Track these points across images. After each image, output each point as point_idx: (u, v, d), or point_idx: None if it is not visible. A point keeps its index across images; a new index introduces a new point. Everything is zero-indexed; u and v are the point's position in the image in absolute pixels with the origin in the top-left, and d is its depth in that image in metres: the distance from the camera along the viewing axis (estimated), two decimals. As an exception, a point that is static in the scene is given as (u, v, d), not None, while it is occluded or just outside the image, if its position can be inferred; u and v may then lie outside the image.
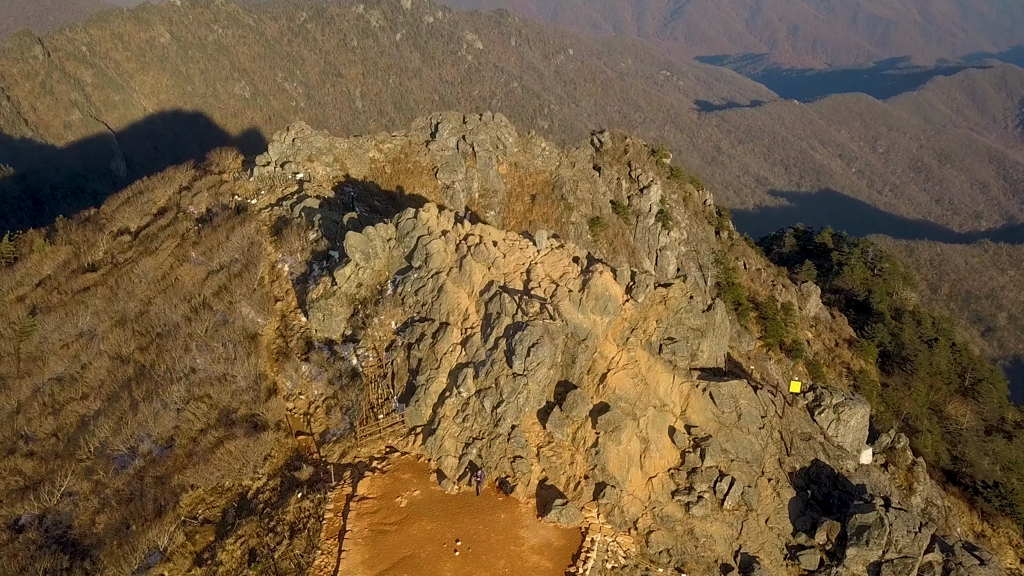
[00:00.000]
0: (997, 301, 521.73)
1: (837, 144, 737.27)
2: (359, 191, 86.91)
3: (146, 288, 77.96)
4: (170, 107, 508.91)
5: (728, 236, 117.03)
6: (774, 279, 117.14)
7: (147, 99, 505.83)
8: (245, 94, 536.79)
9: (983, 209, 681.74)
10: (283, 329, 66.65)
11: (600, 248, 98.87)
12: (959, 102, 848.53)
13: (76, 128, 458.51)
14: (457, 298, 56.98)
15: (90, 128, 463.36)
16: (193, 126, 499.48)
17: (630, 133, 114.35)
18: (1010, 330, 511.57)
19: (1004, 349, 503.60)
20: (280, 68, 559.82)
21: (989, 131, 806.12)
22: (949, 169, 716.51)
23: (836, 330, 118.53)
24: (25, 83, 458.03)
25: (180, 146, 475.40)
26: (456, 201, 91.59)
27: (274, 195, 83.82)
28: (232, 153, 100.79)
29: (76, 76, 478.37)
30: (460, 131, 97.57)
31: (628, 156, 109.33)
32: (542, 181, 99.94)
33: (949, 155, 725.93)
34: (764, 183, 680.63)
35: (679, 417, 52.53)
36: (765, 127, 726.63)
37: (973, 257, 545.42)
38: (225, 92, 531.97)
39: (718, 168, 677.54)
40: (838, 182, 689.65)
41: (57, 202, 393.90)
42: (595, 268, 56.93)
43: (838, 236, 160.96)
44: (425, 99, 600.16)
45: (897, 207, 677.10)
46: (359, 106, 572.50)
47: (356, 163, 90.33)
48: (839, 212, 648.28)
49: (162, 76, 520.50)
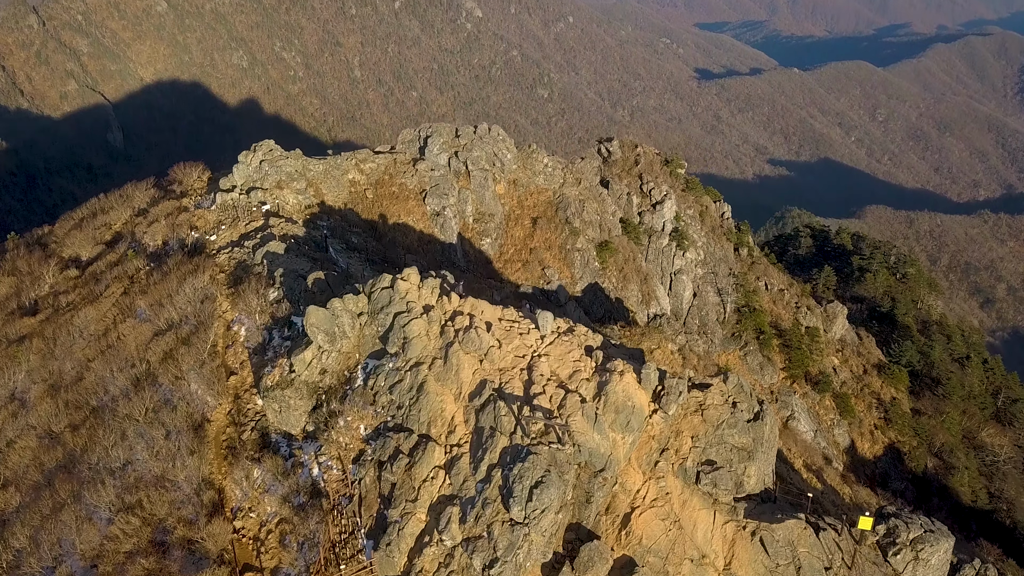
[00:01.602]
0: (996, 272, 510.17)
1: (836, 112, 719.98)
2: (335, 223, 74.03)
3: (85, 346, 65.38)
4: (167, 77, 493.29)
5: (748, 253, 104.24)
6: (798, 300, 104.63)
7: (144, 69, 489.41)
8: (243, 64, 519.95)
9: (982, 178, 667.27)
10: (236, 414, 54.17)
11: (609, 276, 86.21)
12: (959, 70, 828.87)
13: (72, 99, 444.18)
14: (441, 402, 44.49)
15: (86, 99, 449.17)
16: (190, 96, 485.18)
17: (641, 141, 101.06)
18: (1009, 302, 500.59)
19: (1003, 321, 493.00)
20: (278, 37, 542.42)
21: (988, 99, 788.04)
22: (948, 138, 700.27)
23: (864, 354, 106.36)
24: (20, 53, 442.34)
25: (177, 116, 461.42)
26: (447, 229, 78.70)
27: (236, 230, 70.95)
28: (197, 170, 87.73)
29: (72, 46, 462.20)
30: (452, 146, 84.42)
31: (639, 168, 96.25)
32: (544, 201, 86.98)
33: (948, 124, 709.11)
34: (763, 152, 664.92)
35: (722, 572, 40.25)
36: (765, 95, 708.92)
37: (973, 228, 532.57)
38: (223, 62, 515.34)
39: (717, 137, 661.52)
40: (837, 151, 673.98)
41: (51, 176, 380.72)
42: (614, 367, 44.29)
43: (857, 237, 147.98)
44: (424, 68, 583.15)
45: (896, 176, 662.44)
46: (358, 75, 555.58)
47: (333, 187, 77.34)
48: (838, 181, 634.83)
49: (159, 45, 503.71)
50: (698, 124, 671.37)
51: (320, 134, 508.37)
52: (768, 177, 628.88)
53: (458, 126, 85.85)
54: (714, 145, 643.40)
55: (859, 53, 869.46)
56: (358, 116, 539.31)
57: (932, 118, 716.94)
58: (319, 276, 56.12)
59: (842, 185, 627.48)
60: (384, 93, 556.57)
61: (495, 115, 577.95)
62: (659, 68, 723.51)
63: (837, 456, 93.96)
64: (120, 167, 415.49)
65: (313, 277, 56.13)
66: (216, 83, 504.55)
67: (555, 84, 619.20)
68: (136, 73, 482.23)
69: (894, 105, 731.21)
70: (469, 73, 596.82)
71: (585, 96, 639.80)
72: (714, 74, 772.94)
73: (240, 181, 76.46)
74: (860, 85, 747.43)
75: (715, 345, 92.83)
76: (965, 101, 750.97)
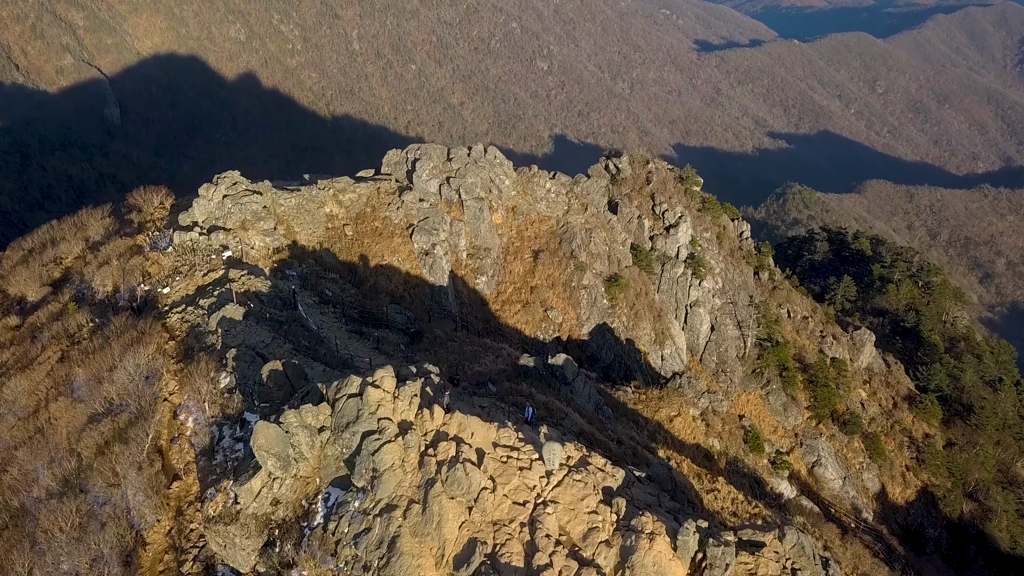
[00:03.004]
0: (996, 247, 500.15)
1: (836, 85, 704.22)
2: (308, 268, 63.15)
3: (12, 427, 54.87)
4: (164, 51, 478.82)
5: (769, 277, 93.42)
6: (823, 328, 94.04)
7: (140, 42, 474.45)
8: (240, 37, 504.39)
9: (980, 150, 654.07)
10: (176, 535, 43.68)
11: (619, 315, 75.46)
12: (958, 41, 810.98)
13: (68, 73, 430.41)
14: (418, 568, 34.03)
15: (83, 73, 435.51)
16: (188, 70, 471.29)
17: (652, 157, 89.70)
18: (1008, 276, 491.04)
19: (1002, 296, 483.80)
20: (276, 10, 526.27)
21: (988, 70, 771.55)
22: (947, 110, 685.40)
23: (892, 384, 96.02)
24: (15, 26, 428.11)
25: (175, 91, 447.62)
26: (437, 269, 67.84)
27: (193, 280, 60.09)
28: (160, 194, 76.85)
29: (67, 19, 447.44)
30: (443, 171, 73.27)
31: (651, 187, 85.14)
32: (547, 231, 76.00)
33: (948, 95, 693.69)
34: (763, 124, 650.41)
35: None
36: (765, 67, 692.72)
37: (973, 203, 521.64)
38: (220, 35, 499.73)
39: (717, 110, 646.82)
40: (837, 123, 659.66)
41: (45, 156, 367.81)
42: (641, 525, 33.72)
43: (876, 241, 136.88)
44: (423, 40, 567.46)
45: (895, 148, 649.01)
46: (356, 48, 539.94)
47: (307, 223, 66.39)
48: (838, 154, 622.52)
49: (155, 18, 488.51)
50: (698, 97, 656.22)
51: (319, 108, 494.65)
52: (768, 150, 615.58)
53: (450, 148, 74.59)
54: (714, 118, 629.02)
55: (859, 24, 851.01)
56: (357, 90, 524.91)
57: (931, 90, 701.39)
58: (276, 368, 45.30)
59: (842, 158, 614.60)
60: (383, 66, 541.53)
61: (494, 88, 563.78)
62: (659, 40, 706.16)
63: (867, 504, 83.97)
64: (117, 143, 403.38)
65: (269, 369, 45.29)
66: (214, 57, 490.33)
67: (555, 56, 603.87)
68: (133, 47, 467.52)
69: (894, 77, 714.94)
70: (468, 45, 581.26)
71: (585, 68, 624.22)
72: (714, 46, 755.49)
73: (201, 218, 65.56)
74: (860, 57, 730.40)
75: (735, 384, 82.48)
76: (965, 73, 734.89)
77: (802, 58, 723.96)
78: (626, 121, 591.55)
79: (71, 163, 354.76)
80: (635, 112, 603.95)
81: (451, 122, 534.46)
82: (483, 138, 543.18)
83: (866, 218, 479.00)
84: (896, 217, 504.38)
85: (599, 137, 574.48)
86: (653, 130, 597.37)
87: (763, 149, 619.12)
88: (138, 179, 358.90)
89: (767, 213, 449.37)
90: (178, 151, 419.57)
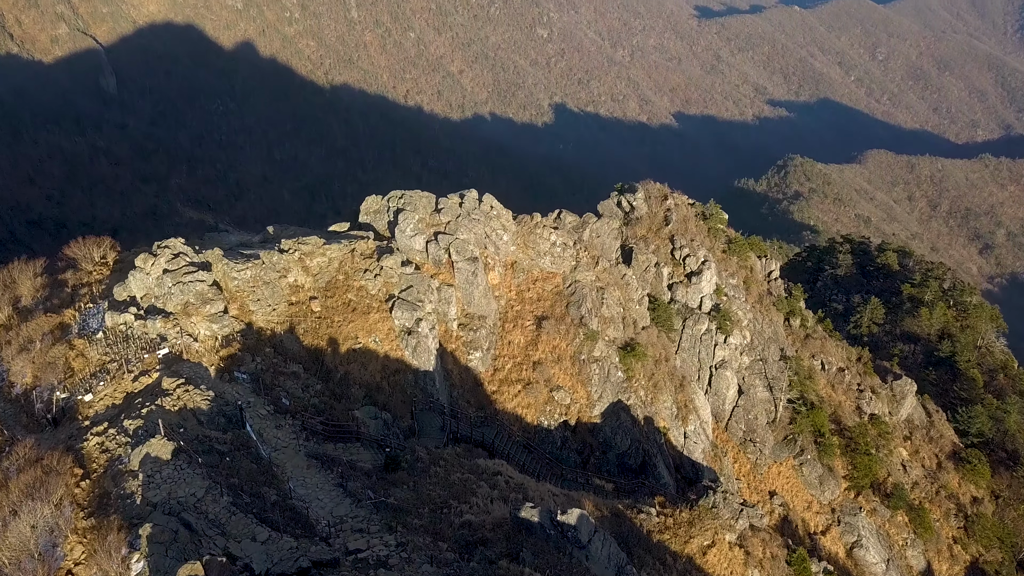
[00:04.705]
0: (996, 218, 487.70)
1: (837, 51, 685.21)
2: (264, 362, 50.60)
3: None
4: (160, 19, 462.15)
5: (801, 324, 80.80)
6: (860, 381, 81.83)
7: (136, 11, 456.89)
8: (238, 5, 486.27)
9: (980, 118, 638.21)
10: None
11: (636, 389, 63.09)
12: (959, 6, 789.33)
13: (63, 43, 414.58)
14: None
15: (78, 43, 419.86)
16: (185, 39, 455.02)
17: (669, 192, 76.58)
18: (1008, 247, 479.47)
19: (1002, 267, 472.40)
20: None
21: (988, 37, 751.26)
22: (947, 77, 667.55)
23: (935, 439, 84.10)
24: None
25: (172, 60, 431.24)
26: (422, 350, 55.33)
27: (121, 385, 47.62)
28: (102, 247, 63.81)
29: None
30: (431, 225, 60.43)
31: (670, 227, 72.33)
32: (551, 291, 63.32)
33: (948, 62, 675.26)
34: (763, 92, 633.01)
35: None
36: (765, 34, 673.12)
37: (973, 172, 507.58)
38: (217, 3, 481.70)
39: (717, 77, 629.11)
40: (837, 91, 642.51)
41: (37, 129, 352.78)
42: None
43: (903, 253, 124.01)
44: (422, 8, 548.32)
45: (895, 116, 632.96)
46: (355, 16, 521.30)
47: (266, 299, 53.76)
48: (837, 123, 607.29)
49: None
50: (698, 64, 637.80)
51: (317, 77, 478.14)
52: (768, 119, 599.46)
53: (439, 197, 61.56)
54: (714, 86, 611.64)
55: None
56: (355, 58, 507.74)
57: (932, 56, 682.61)
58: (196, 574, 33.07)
59: (841, 126, 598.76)
60: (381, 34, 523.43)
61: (494, 56, 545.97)
62: (659, 6, 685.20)
63: (911, 587, 72.42)
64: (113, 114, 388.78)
65: (185, 571, 33.12)
66: (211, 25, 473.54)
67: (554, 23, 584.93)
68: (128, 15, 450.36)
69: (894, 44, 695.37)
70: (467, 13, 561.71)
71: (585, 36, 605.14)
72: (714, 12, 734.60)
73: (139, 293, 52.88)
74: (861, 23, 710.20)
75: (765, 456, 70.53)
76: (965, 39, 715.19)
77: (803, 24, 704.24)
78: (626, 89, 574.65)
79: (64, 137, 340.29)
80: (635, 80, 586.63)
81: (450, 91, 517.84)
82: (483, 107, 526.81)
83: (867, 189, 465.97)
84: (897, 188, 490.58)
85: (599, 105, 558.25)
86: (653, 98, 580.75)
87: (763, 117, 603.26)
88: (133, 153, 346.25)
89: (768, 185, 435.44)
90: (175, 121, 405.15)
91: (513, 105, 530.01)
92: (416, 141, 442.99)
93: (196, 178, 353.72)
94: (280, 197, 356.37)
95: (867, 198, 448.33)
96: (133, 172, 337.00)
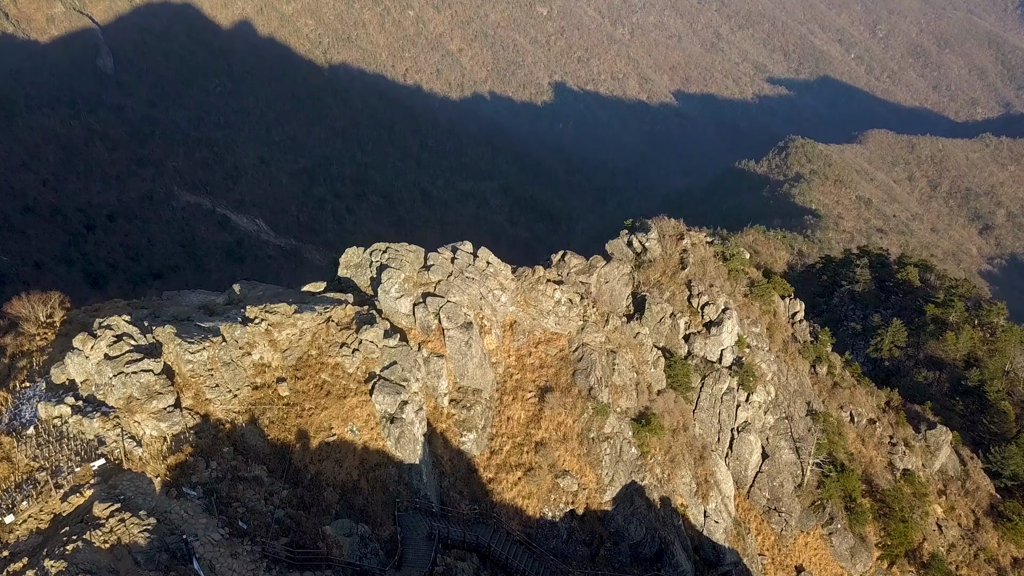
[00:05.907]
0: (996, 198, 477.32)
1: (837, 29, 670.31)
2: (219, 470, 42.25)
3: None
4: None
5: (828, 371, 72.23)
6: (892, 433, 73.37)
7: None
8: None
9: (980, 96, 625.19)
10: None
11: (651, 466, 54.73)
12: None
13: (59, 22, 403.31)
14: None
15: (74, 22, 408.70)
16: (182, 18, 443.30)
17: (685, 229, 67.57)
18: (1008, 228, 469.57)
19: (1001, 248, 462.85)
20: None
21: (989, 13, 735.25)
22: (948, 54, 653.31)
23: (971, 492, 76.04)
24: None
25: (169, 39, 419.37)
26: (407, 440, 46.90)
27: (48, 505, 39.33)
28: (50, 303, 55.41)
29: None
30: (419, 284, 51.70)
31: (687, 272, 63.69)
32: (556, 356, 54.72)
33: (948, 39, 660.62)
34: (763, 70, 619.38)
35: None
36: (765, 11, 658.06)
37: (974, 152, 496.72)
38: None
39: (717, 55, 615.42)
40: (837, 68, 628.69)
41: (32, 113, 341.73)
42: None
43: (925, 268, 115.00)
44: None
45: (895, 94, 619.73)
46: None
47: (226, 384, 45.25)
48: (837, 101, 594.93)
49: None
50: (698, 42, 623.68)
51: (315, 56, 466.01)
52: (768, 97, 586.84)
53: (428, 253, 52.85)
54: (714, 64, 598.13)
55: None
56: (354, 37, 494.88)
57: (932, 33, 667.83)
58: None
59: (841, 105, 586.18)
60: (380, 12, 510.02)
61: (493, 34, 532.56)
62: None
63: (949, 666, 64.53)
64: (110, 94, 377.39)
65: None
66: (208, 3, 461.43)
67: (554, 1, 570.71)
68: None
69: (895, 21, 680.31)
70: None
71: (585, 13, 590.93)
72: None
73: (79, 378, 44.46)
74: (861, 0, 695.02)
75: (791, 527, 62.50)
76: (965, 16, 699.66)
77: (803, 1, 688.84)
78: (626, 67, 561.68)
79: (59, 121, 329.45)
80: (635, 58, 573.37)
81: (449, 69, 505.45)
82: (482, 85, 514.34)
83: (867, 169, 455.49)
84: (897, 168, 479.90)
85: (599, 84, 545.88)
86: (653, 76, 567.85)
87: (763, 96, 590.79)
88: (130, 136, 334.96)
89: (769, 167, 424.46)
90: (173, 102, 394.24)
91: (512, 84, 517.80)
92: (415, 121, 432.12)
93: (193, 161, 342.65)
94: (278, 181, 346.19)
95: (867, 179, 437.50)
96: (129, 155, 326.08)
